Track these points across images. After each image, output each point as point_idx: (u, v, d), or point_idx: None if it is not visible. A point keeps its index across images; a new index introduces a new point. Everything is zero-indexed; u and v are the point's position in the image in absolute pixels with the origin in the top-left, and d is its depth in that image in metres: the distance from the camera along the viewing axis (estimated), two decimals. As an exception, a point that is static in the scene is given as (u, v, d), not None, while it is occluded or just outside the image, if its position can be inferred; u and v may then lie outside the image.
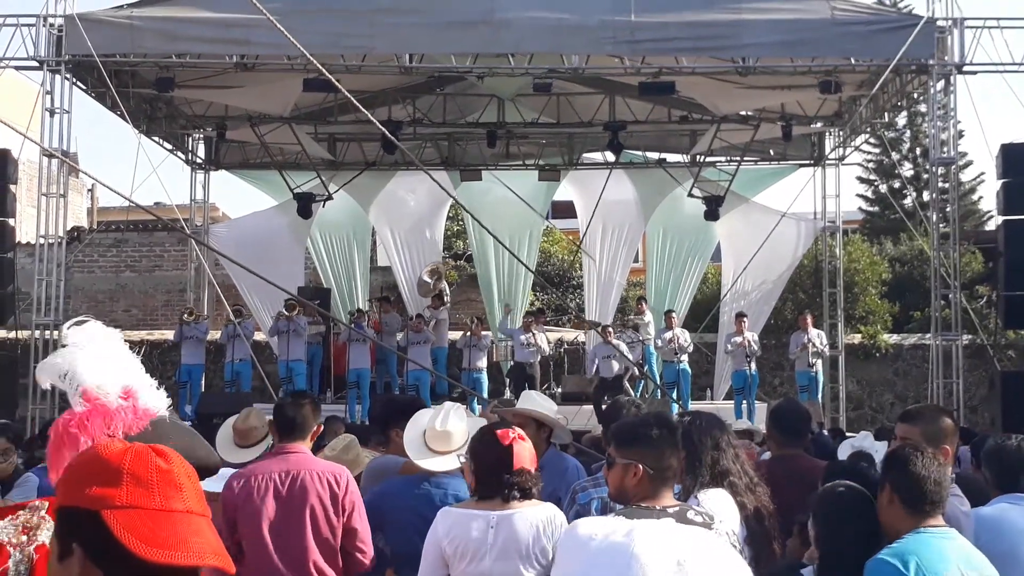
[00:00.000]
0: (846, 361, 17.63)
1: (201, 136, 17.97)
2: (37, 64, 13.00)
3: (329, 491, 4.27)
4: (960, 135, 19.08)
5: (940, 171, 14.38)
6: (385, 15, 12.52)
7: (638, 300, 18.29)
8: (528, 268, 17.17)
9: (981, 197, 27.50)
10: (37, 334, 13.05)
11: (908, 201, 23.70)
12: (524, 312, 18.04)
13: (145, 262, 21.74)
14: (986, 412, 16.95)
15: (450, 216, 20.89)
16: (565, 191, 19.01)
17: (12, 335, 14.83)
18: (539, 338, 15.80)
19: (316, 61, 8.94)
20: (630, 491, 2.85)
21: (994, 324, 16.83)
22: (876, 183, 27.30)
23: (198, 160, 18.28)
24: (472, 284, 20.91)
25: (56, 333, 13.02)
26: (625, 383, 15.02)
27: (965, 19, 12.98)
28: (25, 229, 16.36)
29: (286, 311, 14.91)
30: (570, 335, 18.86)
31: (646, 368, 16.23)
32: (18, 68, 13.49)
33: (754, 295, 17.80)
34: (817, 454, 5.82)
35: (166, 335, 15.52)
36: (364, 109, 9.50)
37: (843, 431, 12.75)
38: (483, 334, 16.10)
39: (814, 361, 15.38)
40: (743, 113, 16.28)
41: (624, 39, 12.61)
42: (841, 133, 17.47)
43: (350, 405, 15.26)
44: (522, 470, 3.46)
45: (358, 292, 18.85)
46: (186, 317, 15.52)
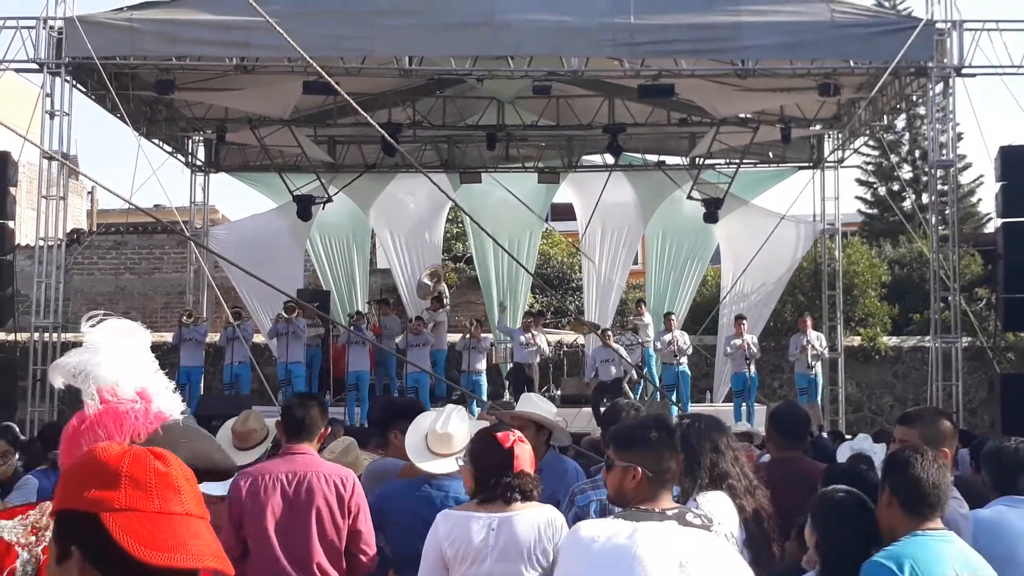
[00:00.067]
0: (845, 363, 17.63)
1: (201, 138, 17.97)
2: (37, 66, 13.02)
3: (336, 493, 4.27)
4: (959, 137, 19.06)
5: (939, 173, 14.40)
6: (384, 17, 12.53)
7: (637, 302, 18.31)
8: (527, 270, 17.17)
9: (980, 199, 27.55)
10: (36, 336, 13.07)
11: (907, 203, 23.71)
12: (523, 313, 18.03)
13: (145, 264, 21.74)
14: (985, 414, 16.93)
15: (450, 218, 20.88)
16: (564, 193, 19.03)
17: (11, 337, 14.83)
18: (539, 338, 15.79)
19: (316, 63, 8.93)
20: (629, 493, 2.85)
21: (993, 326, 16.82)
22: (875, 185, 27.28)
23: (198, 162, 18.29)
24: (472, 286, 20.92)
25: (56, 335, 13.03)
26: (624, 385, 15.01)
27: (964, 21, 12.99)
28: (25, 231, 16.39)
29: (285, 313, 14.88)
30: (569, 337, 18.85)
31: (645, 370, 16.22)
32: (18, 70, 13.52)
33: (753, 297, 17.80)
34: (816, 456, 5.81)
35: (165, 337, 15.48)
36: (363, 111, 9.50)
37: (843, 433, 12.76)
38: (482, 336, 16.07)
39: (813, 363, 15.34)
40: (742, 116, 16.28)
41: (623, 41, 12.62)
42: (840, 135, 17.49)
43: (349, 407, 15.24)
44: (522, 472, 3.47)
45: (357, 294, 18.85)
46: (185, 319, 15.49)
